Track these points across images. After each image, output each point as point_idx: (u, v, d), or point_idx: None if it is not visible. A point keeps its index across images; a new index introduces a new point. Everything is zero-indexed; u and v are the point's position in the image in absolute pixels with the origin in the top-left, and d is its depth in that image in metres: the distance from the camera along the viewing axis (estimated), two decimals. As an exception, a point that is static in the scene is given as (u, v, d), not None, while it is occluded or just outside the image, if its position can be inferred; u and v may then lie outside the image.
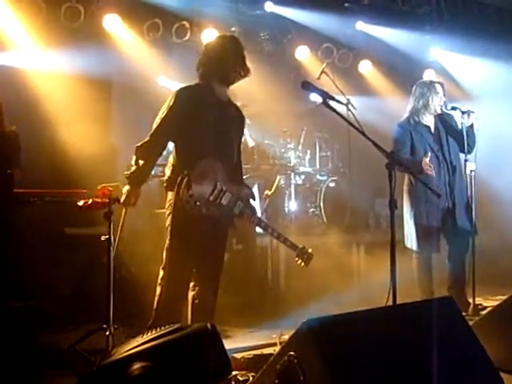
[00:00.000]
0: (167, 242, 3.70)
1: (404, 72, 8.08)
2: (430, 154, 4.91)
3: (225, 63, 3.79)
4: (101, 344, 3.76)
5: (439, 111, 5.09)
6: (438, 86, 5.10)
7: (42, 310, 4.76)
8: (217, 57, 3.82)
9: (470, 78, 8.00)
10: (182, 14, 6.53)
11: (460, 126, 5.01)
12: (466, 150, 4.98)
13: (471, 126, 4.96)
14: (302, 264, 4.04)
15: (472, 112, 4.95)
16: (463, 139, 4.95)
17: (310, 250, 4.06)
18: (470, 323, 3.34)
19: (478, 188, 5.02)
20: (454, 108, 5.05)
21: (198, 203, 3.60)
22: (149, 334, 2.65)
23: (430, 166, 4.81)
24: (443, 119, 5.18)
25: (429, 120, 5.15)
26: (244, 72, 3.84)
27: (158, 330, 2.65)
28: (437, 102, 5.05)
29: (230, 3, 6.79)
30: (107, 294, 3.80)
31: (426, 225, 5.04)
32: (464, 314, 3.76)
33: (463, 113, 4.96)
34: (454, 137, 5.13)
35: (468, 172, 4.95)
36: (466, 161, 4.98)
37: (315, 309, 4.50)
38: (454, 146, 5.13)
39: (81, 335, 3.86)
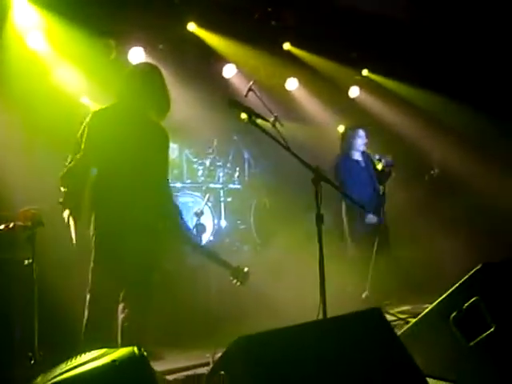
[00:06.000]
0: (91, 263, 3.65)
1: (330, 89, 8.26)
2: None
3: (158, 94, 3.87)
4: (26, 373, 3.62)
5: (362, 150, 6.61)
6: (360, 131, 6.62)
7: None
8: (151, 86, 3.85)
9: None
10: (107, 32, 6.44)
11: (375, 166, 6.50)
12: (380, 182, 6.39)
13: (382, 170, 6.32)
14: (238, 284, 3.99)
15: (380, 160, 6.31)
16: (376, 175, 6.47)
17: (245, 270, 4.02)
18: (398, 333, 3.43)
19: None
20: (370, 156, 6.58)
21: (116, 221, 3.57)
22: (73, 360, 2.56)
23: None
24: (366, 156, 6.66)
25: (356, 155, 6.63)
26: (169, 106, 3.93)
27: (84, 356, 2.56)
28: (360, 144, 6.60)
29: (156, 21, 6.74)
30: (31, 321, 3.68)
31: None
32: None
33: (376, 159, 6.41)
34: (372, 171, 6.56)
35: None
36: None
37: (248, 326, 4.46)
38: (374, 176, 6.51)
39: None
